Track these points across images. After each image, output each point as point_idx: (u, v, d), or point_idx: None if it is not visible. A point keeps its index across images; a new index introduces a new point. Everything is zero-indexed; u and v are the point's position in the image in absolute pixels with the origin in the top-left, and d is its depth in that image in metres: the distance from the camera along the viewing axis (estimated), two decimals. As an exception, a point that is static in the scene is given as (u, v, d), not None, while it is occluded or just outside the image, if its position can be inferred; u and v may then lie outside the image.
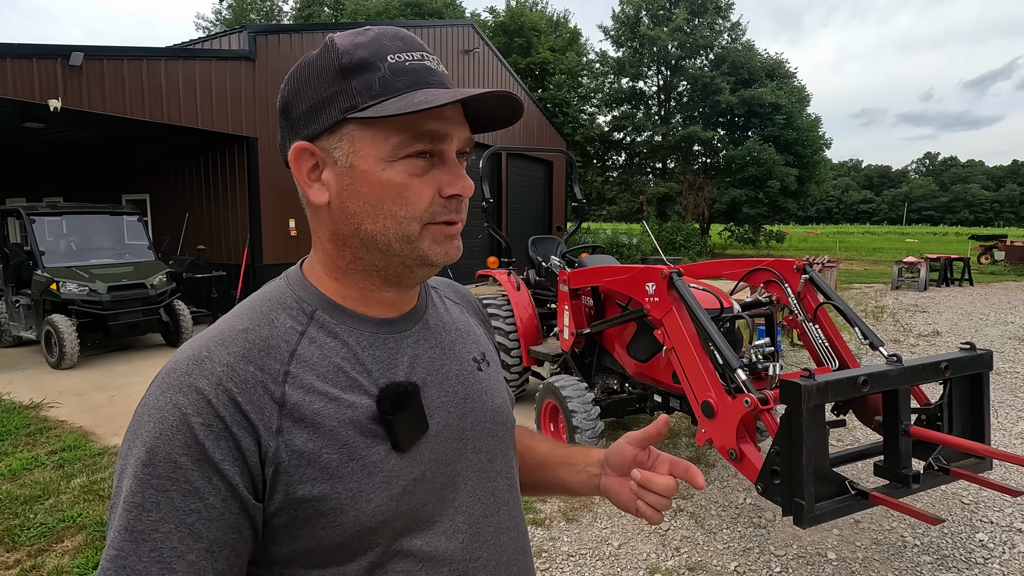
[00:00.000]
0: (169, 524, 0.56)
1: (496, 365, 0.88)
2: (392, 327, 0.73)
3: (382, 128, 0.64)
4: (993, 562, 3.00)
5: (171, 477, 0.57)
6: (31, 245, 7.43)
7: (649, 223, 23.35)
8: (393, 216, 0.66)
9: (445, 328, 0.80)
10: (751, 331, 3.70)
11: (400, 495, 0.66)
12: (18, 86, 6.85)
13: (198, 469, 0.58)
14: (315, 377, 0.64)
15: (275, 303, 0.69)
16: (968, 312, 10.78)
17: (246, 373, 0.62)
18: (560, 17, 35.07)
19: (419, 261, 0.68)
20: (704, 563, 3.02)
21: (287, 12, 39.91)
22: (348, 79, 0.64)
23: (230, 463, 0.59)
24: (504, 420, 0.83)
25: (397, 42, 0.66)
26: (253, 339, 0.65)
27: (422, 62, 0.66)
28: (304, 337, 0.67)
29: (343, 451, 0.63)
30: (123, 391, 6.12)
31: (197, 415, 0.58)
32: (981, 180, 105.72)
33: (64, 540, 3.25)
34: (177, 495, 0.57)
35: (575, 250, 5.72)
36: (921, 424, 2.70)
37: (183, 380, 0.61)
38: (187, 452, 0.58)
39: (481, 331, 0.90)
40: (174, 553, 0.56)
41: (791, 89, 28.18)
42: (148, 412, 0.61)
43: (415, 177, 0.65)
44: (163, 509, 0.57)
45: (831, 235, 52.06)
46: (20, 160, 13.57)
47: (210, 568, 0.58)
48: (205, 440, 0.58)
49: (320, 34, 11.10)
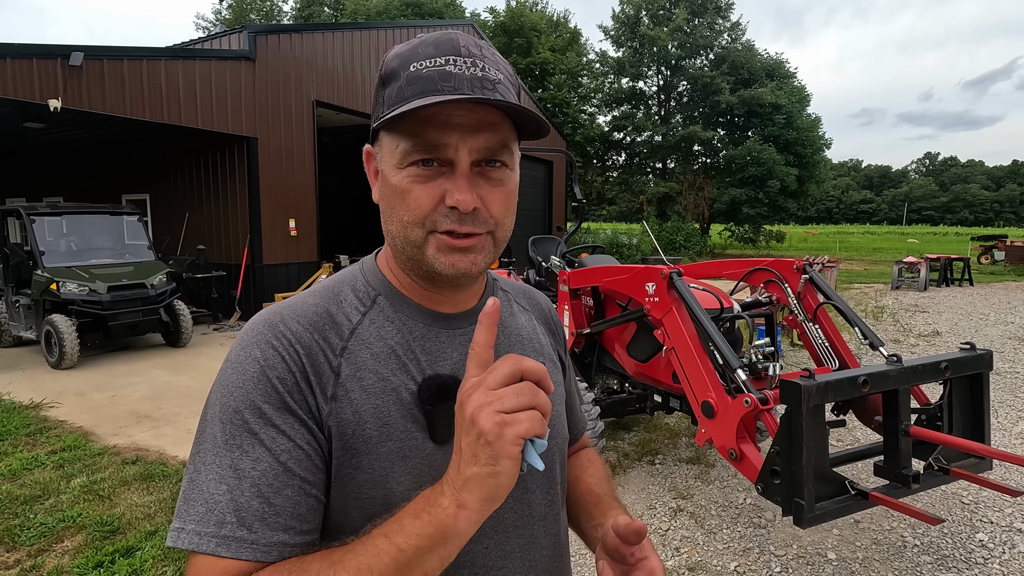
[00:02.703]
0: (264, 463, 0.61)
1: (558, 379, 0.86)
2: (447, 322, 0.75)
3: (395, 135, 0.67)
4: (993, 562, 3.00)
5: (259, 422, 0.62)
6: (31, 245, 7.42)
7: (649, 223, 23.36)
8: (400, 220, 0.69)
9: (504, 332, 0.81)
10: (751, 331, 3.70)
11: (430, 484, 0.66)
12: (18, 86, 6.85)
13: (281, 415, 0.63)
14: (369, 356, 0.69)
15: (346, 285, 0.75)
16: (968, 312, 10.78)
17: (311, 341, 0.67)
18: (560, 17, 35.11)
19: (426, 268, 0.70)
20: (704, 563, 3.02)
21: (287, 12, 39.95)
22: (383, 88, 0.69)
23: (305, 412, 0.64)
24: (553, 435, 0.80)
25: (429, 48, 0.66)
26: (320, 313, 0.70)
27: (443, 67, 0.65)
28: (365, 318, 0.72)
29: (383, 430, 0.66)
30: (123, 391, 6.12)
31: (273, 369, 0.64)
32: (981, 180, 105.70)
33: (64, 540, 3.25)
34: (267, 437, 0.62)
35: (575, 250, 5.72)
36: (921, 424, 2.70)
37: (260, 338, 0.67)
38: (268, 400, 0.63)
39: (547, 341, 0.89)
40: (272, 488, 0.61)
41: (791, 89, 28.18)
42: (231, 366, 0.66)
43: (417, 184, 0.67)
44: (257, 449, 0.62)
45: (831, 235, 52.07)
46: (20, 160, 13.57)
47: (303, 503, 0.62)
48: (283, 390, 0.64)
49: (320, 34, 11.10)
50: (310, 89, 10.70)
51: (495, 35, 30.25)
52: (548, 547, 0.79)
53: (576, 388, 1.01)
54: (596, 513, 0.88)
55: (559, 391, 0.85)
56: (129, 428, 5.02)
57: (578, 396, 1.01)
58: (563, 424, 0.85)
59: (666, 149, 30.09)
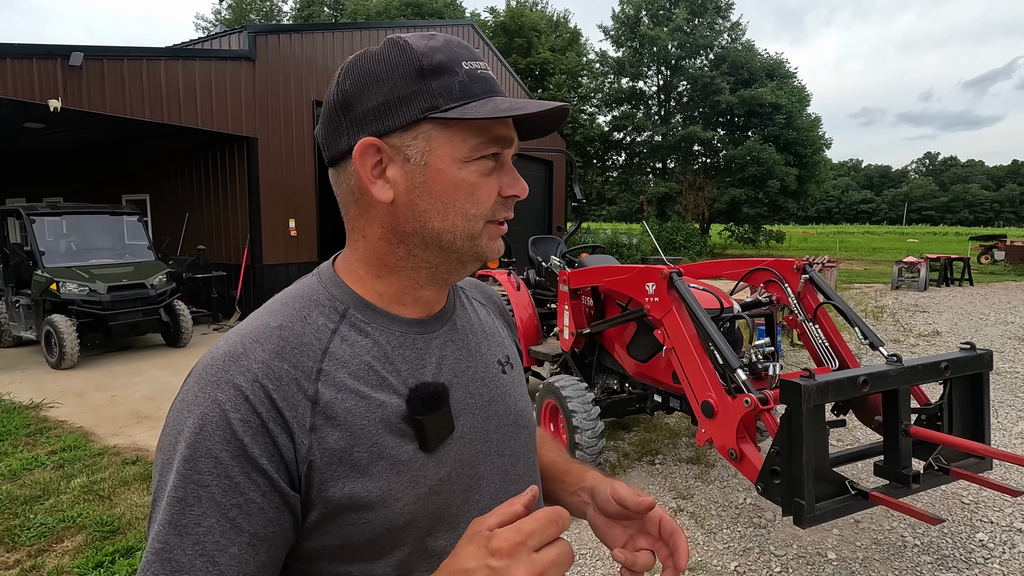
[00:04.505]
0: (211, 518, 0.57)
1: (519, 368, 0.88)
2: (421, 327, 0.74)
3: (459, 130, 0.66)
4: (993, 562, 3.00)
5: (212, 472, 0.58)
6: (31, 245, 7.42)
7: (649, 223, 23.35)
8: (464, 214, 0.68)
9: (472, 330, 0.82)
10: (751, 331, 3.70)
11: (427, 495, 0.67)
12: (18, 86, 6.85)
13: (238, 464, 0.58)
14: (347, 375, 0.65)
15: (308, 300, 0.70)
16: (968, 312, 10.78)
17: (280, 370, 0.62)
18: (560, 17, 35.08)
19: (475, 256, 0.72)
20: (704, 563, 3.02)
21: (287, 12, 39.93)
22: (428, 80, 0.65)
23: (267, 459, 0.59)
24: (527, 424, 0.83)
25: (464, 51, 0.69)
26: (287, 336, 0.65)
27: (487, 71, 0.70)
28: (336, 335, 0.67)
29: (373, 450, 0.64)
30: (123, 391, 6.12)
31: (235, 411, 0.59)
32: (981, 180, 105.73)
33: (64, 540, 3.25)
34: (219, 490, 0.58)
35: (575, 250, 5.72)
36: (921, 424, 2.70)
37: (220, 376, 0.61)
38: (227, 448, 0.58)
39: (505, 333, 0.91)
40: (217, 546, 0.57)
41: (791, 89, 28.19)
42: (187, 408, 0.61)
43: (485, 177, 0.68)
44: (205, 503, 0.57)
45: (831, 235, 52.06)
46: (20, 160, 13.57)
47: (251, 560, 0.59)
48: (244, 436, 0.59)
49: (320, 34, 11.11)
50: (310, 89, 10.70)
51: (495, 35, 30.24)
52: None
53: None
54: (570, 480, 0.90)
55: (523, 379, 0.89)
56: (129, 428, 5.02)
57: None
58: (532, 412, 0.88)
59: (666, 149, 30.09)
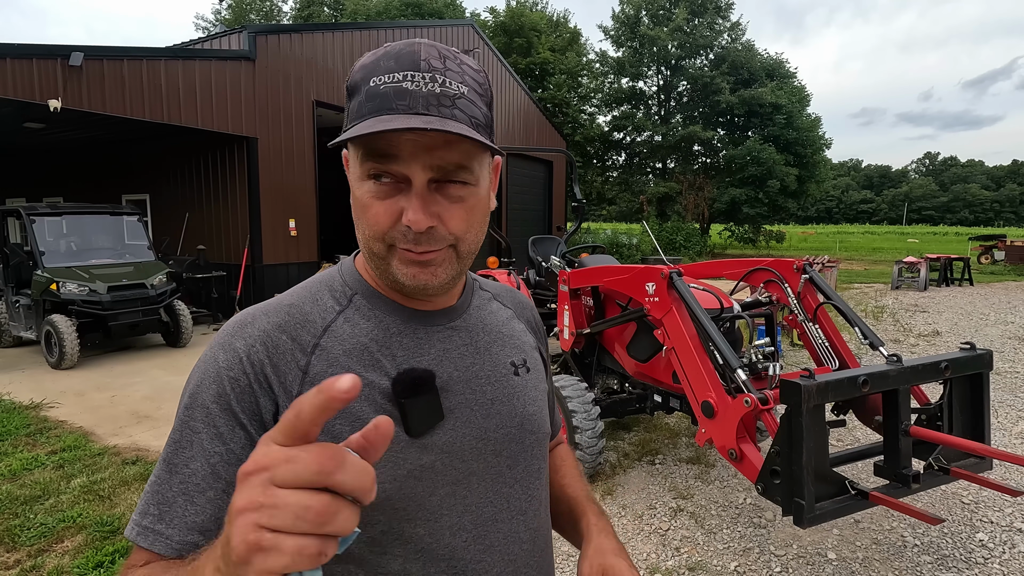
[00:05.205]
0: (197, 462, 0.64)
1: (539, 374, 0.87)
2: (425, 319, 0.75)
3: (356, 148, 0.67)
4: (993, 562, 3.00)
5: (203, 421, 0.65)
6: (31, 245, 7.42)
7: (649, 223, 23.36)
8: (363, 232, 0.69)
9: (485, 329, 0.81)
10: (751, 331, 3.70)
11: (405, 477, 0.68)
12: (18, 86, 6.85)
13: (224, 417, 0.65)
14: (342, 352, 0.70)
15: (324, 284, 0.76)
16: (968, 312, 10.78)
17: (279, 341, 0.68)
18: (560, 17, 35.08)
19: (392, 279, 0.70)
20: (704, 563, 3.02)
21: (287, 12, 39.93)
22: (349, 100, 0.68)
23: (248, 416, 0.65)
24: (535, 429, 0.82)
25: (391, 61, 0.64)
26: (294, 313, 0.71)
27: (400, 84, 0.63)
28: (340, 316, 0.73)
29: (355, 424, 0.65)
30: (123, 391, 6.12)
31: (229, 371, 0.66)
32: (981, 180, 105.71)
33: (64, 540, 3.25)
34: (206, 437, 0.64)
35: (575, 250, 5.72)
36: (921, 424, 2.69)
37: (226, 339, 0.69)
38: (217, 401, 0.65)
39: (529, 338, 0.89)
40: (197, 488, 0.63)
41: (791, 89, 28.19)
42: (198, 363, 0.69)
43: (375, 200, 0.66)
44: (195, 448, 0.64)
45: (831, 235, 52.06)
46: (20, 160, 13.57)
47: (224, 506, 0.62)
48: (231, 393, 0.65)
49: (320, 34, 11.11)
50: (310, 89, 10.71)
51: (495, 35, 30.23)
52: (528, 541, 0.79)
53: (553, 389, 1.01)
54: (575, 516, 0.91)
55: (542, 386, 0.87)
56: (129, 428, 5.02)
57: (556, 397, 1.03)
58: (545, 419, 0.86)
59: (666, 149, 30.08)
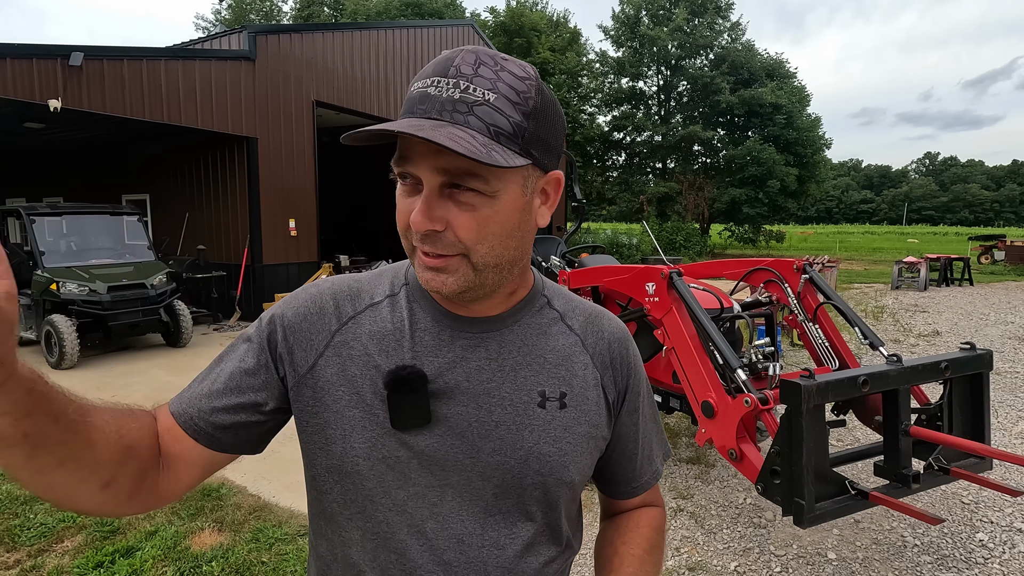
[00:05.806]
0: (227, 364, 0.77)
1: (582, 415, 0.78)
2: (457, 324, 0.76)
3: None
4: (993, 562, 3.00)
5: (246, 343, 0.78)
6: (31, 245, 7.42)
7: (649, 223, 23.35)
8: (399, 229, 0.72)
9: (522, 349, 0.76)
10: (751, 331, 3.70)
11: (380, 460, 0.72)
12: (18, 86, 6.85)
13: (257, 346, 0.77)
14: (366, 332, 0.76)
15: (391, 272, 0.83)
16: (968, 312, 10.78)
17: (326, 305, 0.78)
18: (560, 17, 35.05)
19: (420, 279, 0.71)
20: (704, 563, 3.02)
21: (287, 12, 39.93)
22: None
23: (269, 353, 0.77)
24: (543, 470, 0.74)
25: (431, 67, 0.66)
26: (353, 288, 0.80)
27: (425, 89, 0.64)
28: (385, 301, 0.79)
29: (354, 396, 0.73)
30: (123, 391, 6.11)
31: (281, 319, 0.77)
32: (981, 180, 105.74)
33: (64, 540, 3.25)
34: (241, 352, 0.77)
35: (575, 250, 5.72)
36: (921, 424, 2.70)
37: (300, 293, 0.80)
38: (259, 335, 0.77)
39: (590, 373, 0.80)
40: (217, 381, 0.76)
41: (791, 89, 28.18)
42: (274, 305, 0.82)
43: (401, 198, 0.69)
44: (230, 357, 0.78)
45: (831, 235, 52.06)
46: (20, 160, 13.57)
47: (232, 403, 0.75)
48: (270, 332, 0.77)
49: (320, 34, 11.10)
50: (310, 89, 10.70)
51: (495, 35, 30.24)
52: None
53: (644, 440, 0.89)
54: None
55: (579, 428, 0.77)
56: (129, 428, 5.01)
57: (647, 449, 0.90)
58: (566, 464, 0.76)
59: (666, 149, 30.08)
